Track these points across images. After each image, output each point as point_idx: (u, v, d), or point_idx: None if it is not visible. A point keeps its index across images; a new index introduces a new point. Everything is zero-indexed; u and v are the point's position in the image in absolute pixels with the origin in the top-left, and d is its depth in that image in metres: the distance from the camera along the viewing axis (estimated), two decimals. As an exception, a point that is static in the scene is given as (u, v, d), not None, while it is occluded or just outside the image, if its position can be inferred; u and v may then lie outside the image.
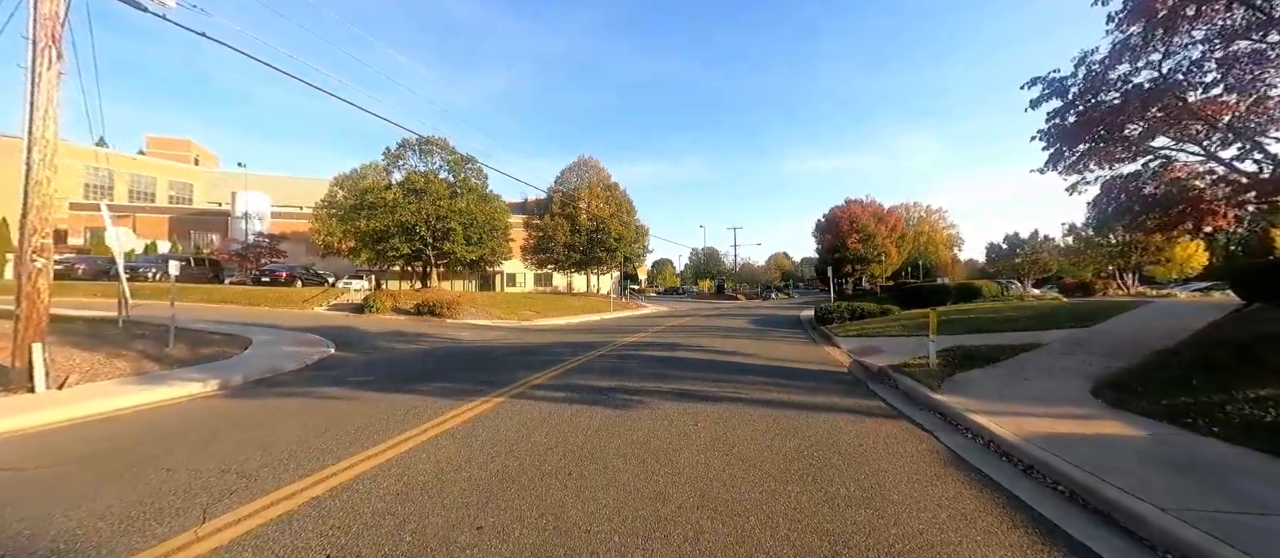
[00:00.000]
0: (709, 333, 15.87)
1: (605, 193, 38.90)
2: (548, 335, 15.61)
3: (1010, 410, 5.46)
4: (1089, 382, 6.80)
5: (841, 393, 6.81)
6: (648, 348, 11.76)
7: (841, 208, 56.62)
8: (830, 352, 11.31)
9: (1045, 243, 36.70)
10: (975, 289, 20.78)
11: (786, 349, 11.47)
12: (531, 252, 40.50)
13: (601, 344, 12.41)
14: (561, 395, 6.41)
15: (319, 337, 12.97)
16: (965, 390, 6.50)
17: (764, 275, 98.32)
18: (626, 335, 14.96)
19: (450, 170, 26.81)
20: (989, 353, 8.89)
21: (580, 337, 14.89)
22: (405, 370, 8.68)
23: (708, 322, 21.50)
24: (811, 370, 8.66)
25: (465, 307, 22.49)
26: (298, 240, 44.39)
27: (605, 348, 11.65)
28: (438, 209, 24.13)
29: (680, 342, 13.00)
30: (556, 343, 13.08)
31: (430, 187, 24.49)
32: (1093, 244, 23.75)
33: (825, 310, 17.71)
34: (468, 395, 6.40)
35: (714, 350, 11.14)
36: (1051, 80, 8.22)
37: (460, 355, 10.56)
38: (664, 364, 9.13)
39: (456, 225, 24.78)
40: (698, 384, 7.14)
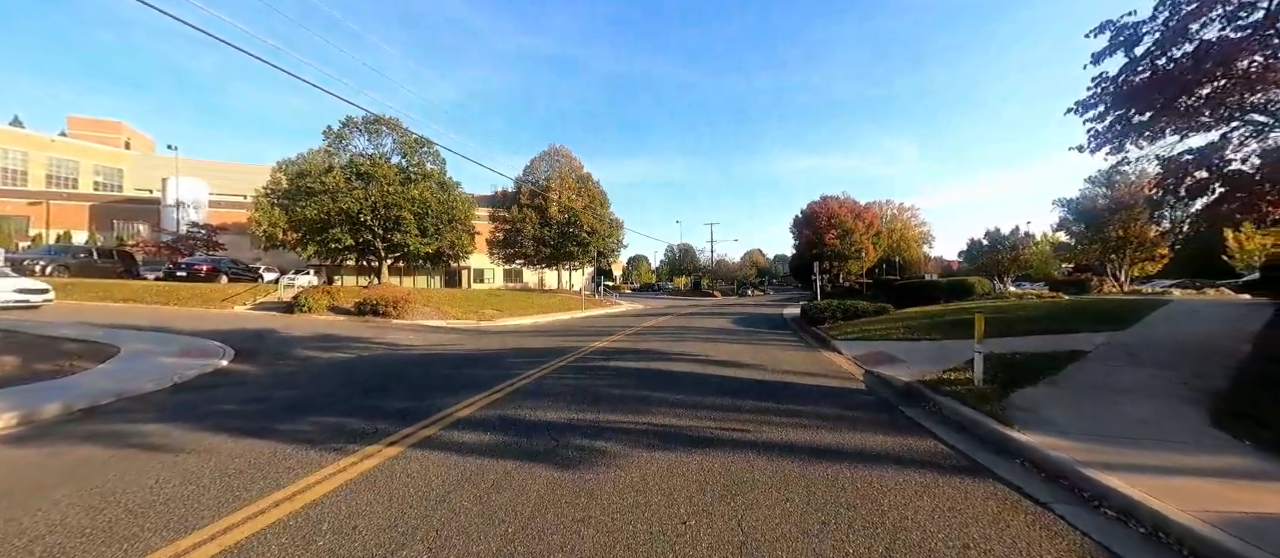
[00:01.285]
0: (692, 336, 14.09)
1: (577, 184, 36.73)
2: (507, 339, 13.53)
3: (1131, 460, 3.81)
4: (1193, 405, 5.28)
5: (878, 426, 5.07)
6: (621, 356, 9.87)
7: (819, 204, 55.93)
8: (834, 359, 9.67)
9: (1026, 240, 36.56)
10: (968, 286, 19.74)
11: (785, 357, 9.77)
12: (498, 246, 37.99)
13: (566, 351, 10.45)
14: (492, 439, 4.45)
15: (221, 344, 10.58)
16: (1041, 420, 4.87)
17: (740, 273, 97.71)
18: (597, 339, 13.02)
19: (403, 154, 24.14)
20: (1031, 363, 7.38)
21: (544, 340, 12.87)
22: (300, 393, 6.54)
23: (688, 321, 19.75)
24: (825, 389, 6.93)
25: (417, 305, 20.08)
26: (239, 232, 40.56)
27: (570, 355, 9.70)
28: (386, 196, 21.52)
29: (660, 347, 11.15)
30: (513, 349, 11.05)
31: (378, 171, 21.84)
32: (1085, 240, 23.16)
33: (815, 310, 16.19)
34: (358, 439, 4.39)
35: (701, 359, 9.33)
36: (1123, 27, 6.69)
37: (387, 369, 8.43)
38: (641, 381, 7.25)
39: (408, 214, 22.21)
40: (687, 415, 5.28)
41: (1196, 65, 6.52)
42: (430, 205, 23.01)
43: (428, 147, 24.49)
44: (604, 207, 37.82)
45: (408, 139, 23.79)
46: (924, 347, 9.81)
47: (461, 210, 25.47)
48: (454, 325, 17.96)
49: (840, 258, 52.01)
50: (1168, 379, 6.27)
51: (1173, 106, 7.20)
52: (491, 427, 4.81)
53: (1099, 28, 6.95)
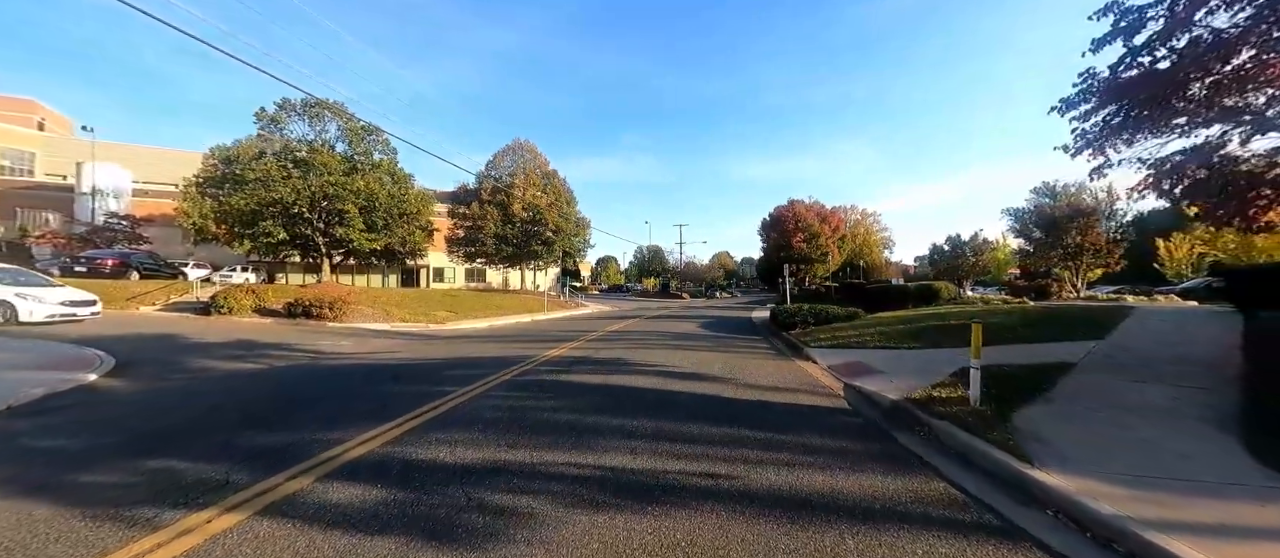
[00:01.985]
0: (657, 341, 13.14)
1: (543, 180, 35.27)
2: (455, 345, 12.21)
3: (1186, 513, 3.08)
4: (1218, 429, 4.69)
5: (872, 461, 4.21)
6: (577, 367, 8.80)
7: (786, 207, 56.35)
8: (809, 370, 8.90)
9: (985, 245, 37.54)
10: (934, 290, 19.66)
11: (757, 368, 8.93)
12: (457, 244, 36.08)
13: (516, 361, 9.30)
14: (381, 496, 3.32)
15: (101, 353, 8.91)
16: (1057, 452, 4.13)
17: (708, 274, 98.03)
18: (555, 346, 11.89)
19: (348, 142, 22.18)
20: (1022, 377, 6.78)
21: (495, 347, 11.64)
22: (162, 422, 5.19)
23: (654, 325, 18.82)
24: (805, 410, 6.08)
25: (359, 306, 18.38)
26: (168, 225, 36.99)
27: (518, 367, 8.56)
28: (327, 187, 19.59)
29: (622, 356, 10.13)
30: (457, 359, 9.80)
31: (317, 159, 19.86)
32: (1044, 246, 23.68)
33: (785, 314, 15.55)
34: (191, 499, 3.20)
35: (666, 371, 8.37)
36: (1127, 10, 6.15)
37: (293, 386, 7.08)
38: (595, 402, 6.21)
39: (351, 208, 20.32)
40: (646, 452, 4.28)
41: (1196, 58, 6.02)
42: (378, 198, 21.18)
43: (376, 135, 22.60)
44: (570, 205, 36.51)
45: (354, 126, 21.85)
46: (903, 356, 9.19)
47: (414, 205, 23.68)
48: (399, 329, 16.41)
49: (806, 261, 52.46)
50: (1176, 397, 5.73)
51: (1166, 103, 6.72)
52: (387, 475, 3.67)
53: (1103, 10, 6.42)
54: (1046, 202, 75.36)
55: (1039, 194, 78.88)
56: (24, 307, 12.17)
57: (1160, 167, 7.11)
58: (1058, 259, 23.63)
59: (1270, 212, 6.37)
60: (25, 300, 12.23)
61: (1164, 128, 6.94)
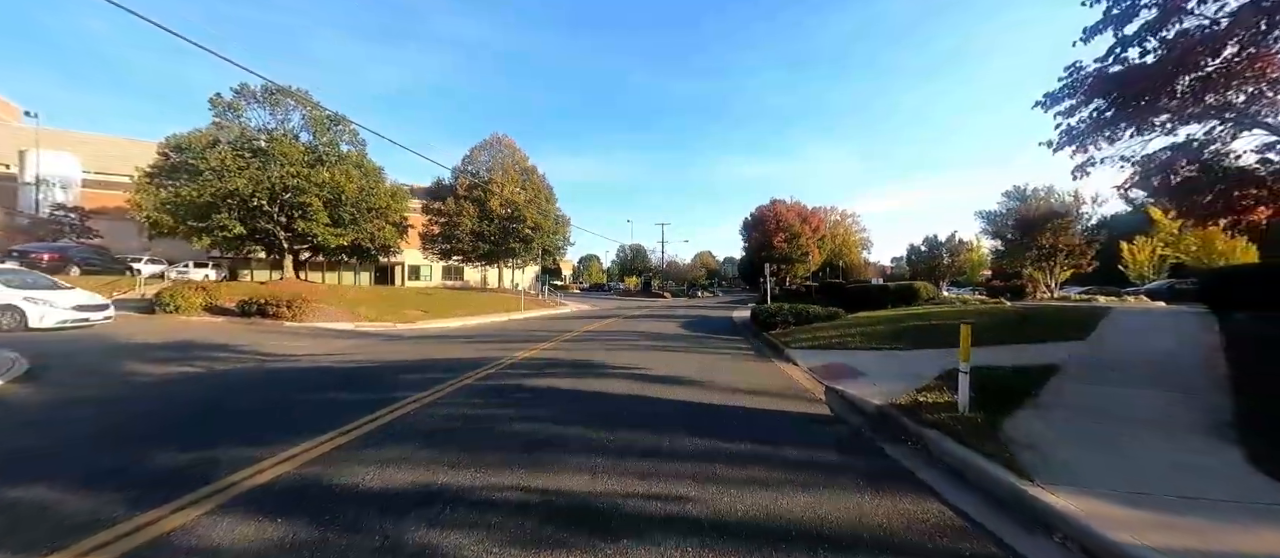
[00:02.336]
0: (633, 342, 12.66)
1: (521, 176, 34.44)
2: (422, 346, 11.52)
3: (1206, 540, 2.72)
4: (1216, 438, 4.42)
5: (860, 478, 3.79)
6: (547, 370, 8.26)
7: (768, 207, 56.47)
8: (790, 372, 8.52)
9: (961, 246, 38.14)
10: (914, 291, 19.65)
11: (735, 370, 8.52)
12: (432, 241, 34.99)
13: (483, 363, 8.71)
14: (277, 535, 2.74)
15: (16, 355, 8.01)
16: (1056, 465, 3.81)
17: (690, 274, 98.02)
18: (527, 347, 11.31)
19: (313, 132, 21.07)
20: (1008, 380, 6.52)
21: (463, 348, 11.00)
22: (55, 436, 4.51)
23: (633, 325, 18.34)
24: (786, 418, 5.67)
25: (323, 305, 17.45)
26: (121, 218, 34.99)
27: (484, 370, 7.97)
28: (288, 178, 18.50)
29: (596, 358, 9.62)
30: (418, 361, 9.15)
31: (276, 148, 18.73)
32: (1018, 247, 24.00)
33: (766, 314, 15.24)
34: (28, 549, 2.55)
35: (641, 374, 7.89)
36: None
37: (225, 392, 6.38)
38: (559, 410, 5.69)
39: (315, 201, 19.27)
40: (607, 470, 3.79)
41: (1187, 49, 5.79)
42: (344, 191, 20.15)
43: (342, 125, 21.52)
44: (550, 201, 35.74)
45: (318, 115, 20.75)
46: (886, 357, 8.89)
47: (384, 199, 22.65)
48: (364, 329, 15.59)
49: (787, 261, 52.64)
50: (1167, 401, 5.49)
51: (1154, 98, 6.51)
52: (294, 506, 3.09)
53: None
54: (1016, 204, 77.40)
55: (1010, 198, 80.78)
56: (34, 312, 10.94)
57: (1147, 163, 6.92)
58: (1033, 260, 23.97)
59: (1258, 210, 6.22)
60: (35, 305, 11.02)
61: (1150, 124, 6.74)
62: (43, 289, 11.73)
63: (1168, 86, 6.34)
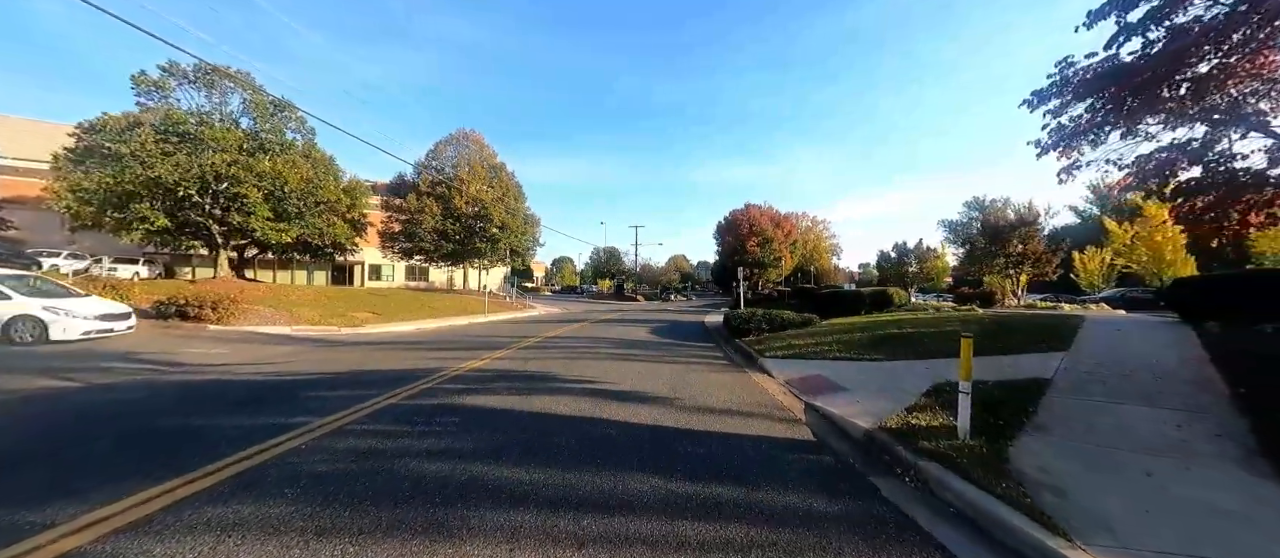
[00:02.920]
0: (598, 349, 11.74)
1: (489, 173, 33.02)
2: (360, 354, 10.31)
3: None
4: (1242, 466, 3.87)
5: (851, 529, 3.00)
6: (491, 385, 7.27)
7: (742, 211, 56.42)
8: (765, 385, 7.78)
9: (929, 253, 38.73)
10: (887, 296, 19.42)
11: (706, 383, 7.71)
12: (392, 239, 33.15)
13: (419, 376, 7.64)
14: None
15: None
16: (1086, 512, 3.13)
17: (664, 277, 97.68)
18: (478, 355, 10.25)
19: (254, 117, 19.30)
20: (1000, 397, 5.93)
21: (405, 357, 9.86)
22: None
23: (601, 330, 17.41)
24: (762, 444, 4.88)
25: (257, 307, 15.85)
26: (40, 208, 31.73)
27: (417, 385, 6.92)
28: (221, 166, 16.72)
29: (552, 369, 8.67)
30: (348, 372, 8.00)
31: (207, 133, 16.94)
32: (986, 253, 24.27)
33: (739, 319, 14.57)
34: None
35: (600, 389, 7.00)
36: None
37: (75, 416, 5.16)
38: (491, 442, 4.75)
39: (252, 192, 17.54)
40: (535, 536, 2.88)
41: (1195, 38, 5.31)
42: (288, 182, 18.46)
43: (288, 112, 19.79)
44: (518, 200, 34.40)
45: (260, 99, 18.99)
46: (867, 369, 8.26)
47: (334, 192, 20.96)
48: (302, 334, 14.14)
49: (760, 265, 52.65)
50: (1178, 423, 4.96)
51: (1153, 95, 6.05)
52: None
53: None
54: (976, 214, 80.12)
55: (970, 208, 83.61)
56: (56, 323, 10.01)
57: (1144, 164, 6.48)
58: (1001, 267, 24.29)
59: (1262, 213, 5.84)
60: (57, 316, 10.08)
61: (1145, 123, 6.28)
62: (61, 297, 10.80)
63: (1169, 82, 5.89)
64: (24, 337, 9.69)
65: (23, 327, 9.75)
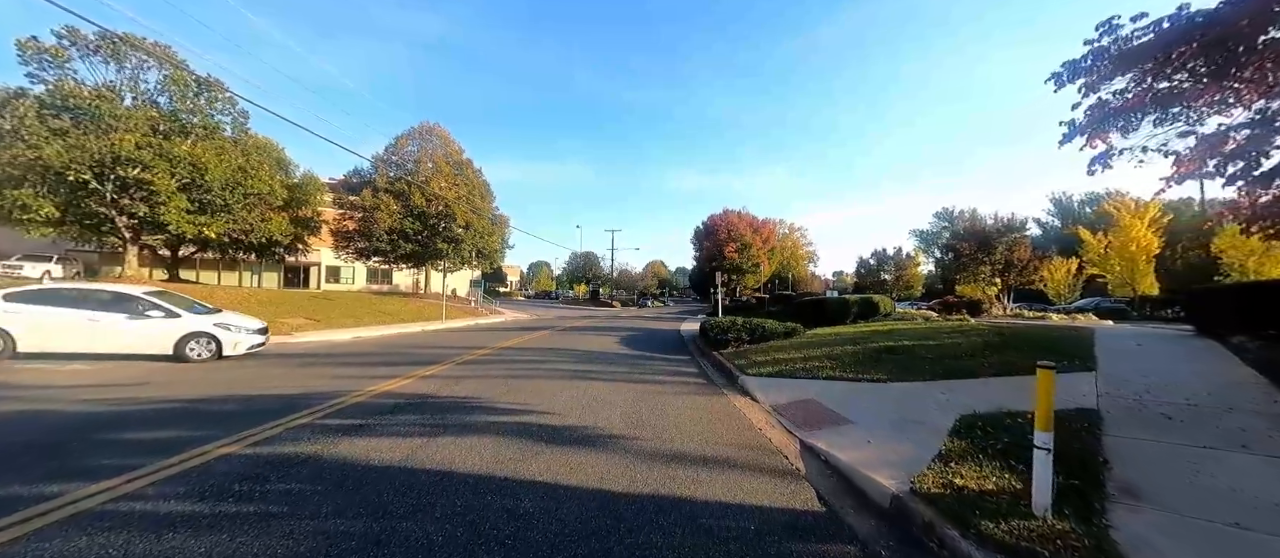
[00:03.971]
0: (553, 364, 10.09)
1: (453, 170, 30.95)
2: (250, 372, 8.43)
3: None
4: None
5: None
6: (385, 422, 5.57)
7: (720, 216, 55.52)
8: (748, 413, 6.27)
9: (908, 260, 38.33)
10: (874, 304, 18.32)
11: (676, 412, 6.16)
12: (348, 239, 30.68)
13: (303, 405, 5.88)
14: None
15: None
16: None
17: (641, 283, 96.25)
18: (400, 374, 8.48)
19: (172, 96, 16.96)
20: (1065, 446, 4.55)
21: (305, 377, 8.02)
22: None
23: (564, 340, 15.73)
24: (754, 518, 3.35)
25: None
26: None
27: (283, 422, 5.17)
28: (123, 149, 14.36)
29: (482, 395, 6.99)
30: (210, 397, 6.16)
31: (105, 109, 14.58)
32: (970, 261, 23.55)
33: (716, 329, 13.11)
34: None
35: (535, 426, 5.38)
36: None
37: None
38: (325, 537, 3.07)
39: (164, 180, 15.21)
40: None
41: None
42: (210, 171, 16.18)
43: (215, 91, 17.50)
44: (485, 199, 32.39)
45: (181, 75, 16.66)
46: (870, 393, 6.85)
47: (267, 182, 18.65)
48: (206, 344, 11.98)
49: (738, 271, 51.72)
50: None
51: (1228, 61, 4.81)
52: None
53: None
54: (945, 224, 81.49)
55: (940, 218, 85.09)
56: (228, 339, 9.91)
57: (1213, 146, 5.26)
58: (986, 275, 23.62)
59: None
60: (228, 332, 9.98)
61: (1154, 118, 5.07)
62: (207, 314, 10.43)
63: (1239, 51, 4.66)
64: (200, 354, 9.52)
65: (198, 344, 9.54)
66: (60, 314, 9.02)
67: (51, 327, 8.90)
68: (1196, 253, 39.29)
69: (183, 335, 9.45)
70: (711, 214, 56.54)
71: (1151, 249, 27.58)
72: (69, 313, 9.06)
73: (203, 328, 9.69)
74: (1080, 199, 65.58)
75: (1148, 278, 28.86)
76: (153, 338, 9.32)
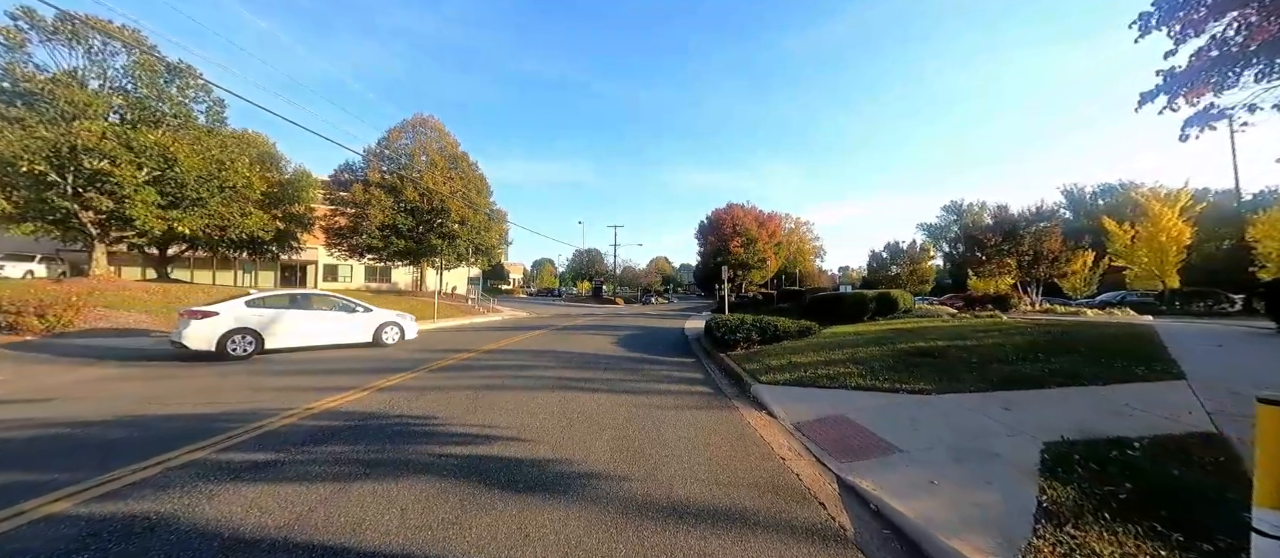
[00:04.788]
0: (539, 371, 8.93)
1: (448, 163, 29.81)
2: (187, 383, 7.33)
3: None
4: None
5: None
6: (304, 460, 4.44)
7: (724, 210, 54.18)
8: (766, 435, 5.07)
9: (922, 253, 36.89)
10: (893, 300, 17.00)
11: (679, 437, 4.98)
12: (341, 236, 29.65)
13: (221, 427, 4.77)
14: None
15: None
16: None
17: (645, 279, 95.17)
18: (357, 384, 7.36)
19: (139, 82, 15.86)
20: (1194, 482, 3.36)
21: (247, 389, 6.90)
22: None
23: (559, 341, 14.58)
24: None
25: (116, 311, 12.56)
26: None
27: (178, 454, 4.04)
28: (82, 138, 13.26)
29: (442, 414, 5.84)
30: (98, 424, 5.04)
31: (62, 94, 13.49)
32: (998, 252, 22.08)
33: (724, 328, 11.91)
34: None
35: (497, 462, 4.25)
36: None
37: None
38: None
39: (129, 171, 14.12)
40: None
41: None
42: (180, 162, 15.10)
43: (188, 78, 16.40)
44: (481, 194, 31.24)
45: (149, 60, 15.57)
46: (912, 408, 5.63)
47: (244, 174, 17.51)
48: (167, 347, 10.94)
49: (744, 267, 50.41)
50: None
51: None
52: None
53: None
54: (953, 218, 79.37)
55: (949, 211, 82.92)
56: (410, 328, 12.75)
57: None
58: (1013, 268, 22.18)
59: None
60: (405, 322, 12.64)
61: None
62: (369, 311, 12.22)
63: None
64: (392, 338, 12.10)
65: (391, 331, 12.14)
66: (290, 316, 10.56)
67: (282, 327, 10.33)
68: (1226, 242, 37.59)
69: (381, 324, 11.94)
70: (716, 208, 55.22)
71: (1183, 239, 26.05)
72: (292, 315, 10.63)
73: (393, 320, 12.23)
74: (1092, 191, 63.67)
75: (1174, 270, 27.34)
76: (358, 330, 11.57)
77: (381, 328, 11.80)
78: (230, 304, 9.85)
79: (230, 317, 9.59)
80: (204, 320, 9.27)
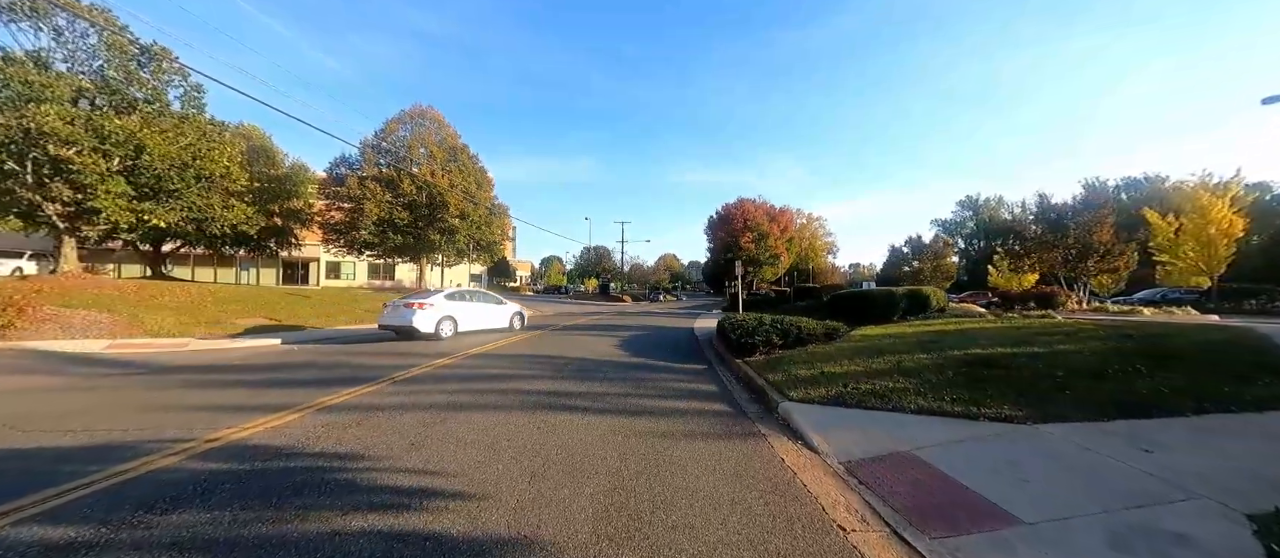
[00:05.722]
0: (522, 382, 7.61)
1: (446, 155, 28.61)
2: (112, 396, 6.15)
3: None
4: None
5: None
6: (163, 524, 3.10)
7: (735, 204, 52.57)
8: (812, 485, 3.67)
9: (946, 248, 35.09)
10: (924, 298, 15.44)
11: (687, 488, 3.63)
12: (337, 231, 28.60)
13: (83, 472, 3.47)
14: None
15: None
16: None
17: (653, 276, 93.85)
18: (300, 403, 6.10)
19: (106, 64, 14.75)
20: None
21: (151, 406, 5.65)
22: None
23: (554, 343, 13.25)
24: None
25: (71, 311, 11.47)
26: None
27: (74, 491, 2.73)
28: (38, 123, 12.12)
29: (378, 452, 4.55)
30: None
31: (14, 74, 12.40)
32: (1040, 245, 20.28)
33: (739, 330, 10.49)
34: None
35: (428, 529, 2.90)
36: None
37: None
38: None
39: (93, 160, 12.99)
40: None
41: None
42: (152, 150, 13.99)
43: (163, 61, 15.31)
44: (482, 188, 30.01)
45: (119, 41, 14.48)
46: (1006, 441, 4.19)
47: (222, 163, 16.35)
48: (116, 352, 9.86)
49: (755, 263, 48.77)
50: None
51: None
52: None
53: None
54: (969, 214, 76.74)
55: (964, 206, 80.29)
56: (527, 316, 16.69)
57: None
58: (1059, 264, 20.36)
59: None
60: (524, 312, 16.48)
61: None
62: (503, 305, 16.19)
63: None
64: (517, 325, 15.57)
65: (519, 320, 15.79)
66: (469, 306, 14.11)
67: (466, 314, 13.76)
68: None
69: (513, 312, 15.57)
70: (726, 203, 53.65)
71: (1234, 232, 24.06)
72: (470, 305, 14.17)
73: (519, 309, 16.04)
74: (1115, 184, 60.96)
75: (1223, 265, 25.33)
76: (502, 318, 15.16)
77: (512, 316, 15.45)
78: (436, 296, 13.19)
79: (441, 306, 12.82)
80: (424, 311, 12.27)
